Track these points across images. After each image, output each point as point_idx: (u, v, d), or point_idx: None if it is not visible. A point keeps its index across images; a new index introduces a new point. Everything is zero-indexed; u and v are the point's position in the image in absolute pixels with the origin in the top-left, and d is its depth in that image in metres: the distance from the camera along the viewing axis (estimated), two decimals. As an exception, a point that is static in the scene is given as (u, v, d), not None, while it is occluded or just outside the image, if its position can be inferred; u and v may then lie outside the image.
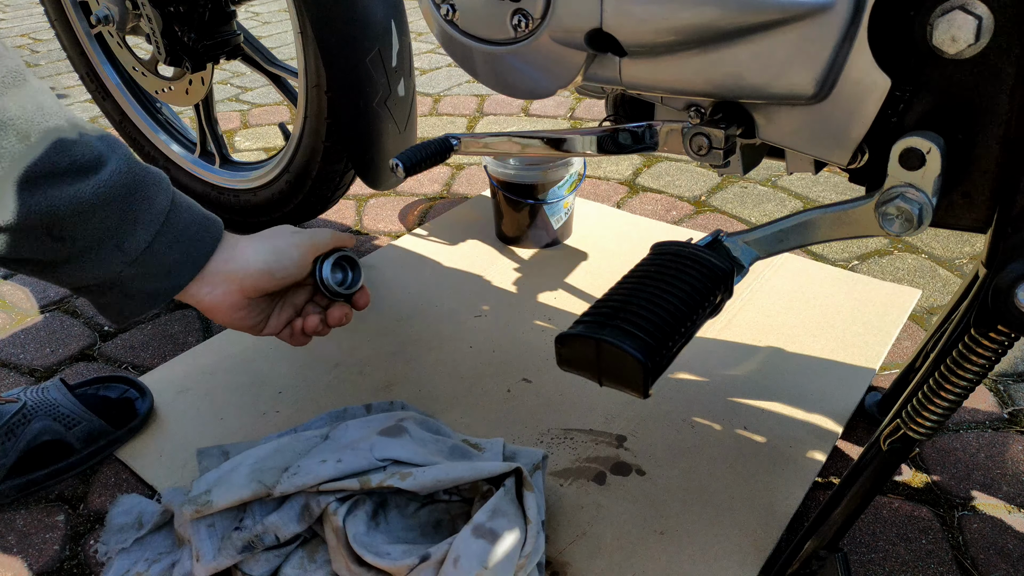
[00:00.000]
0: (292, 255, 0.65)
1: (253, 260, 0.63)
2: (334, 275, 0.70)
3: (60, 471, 0.77)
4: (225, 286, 0.63)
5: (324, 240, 0.68)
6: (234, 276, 0.63)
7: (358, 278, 0.72)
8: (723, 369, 0.88)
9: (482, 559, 0.57)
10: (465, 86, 1.97)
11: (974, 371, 0.48)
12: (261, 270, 0.63)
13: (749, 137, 0.57)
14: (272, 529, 0.63)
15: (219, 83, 2.06)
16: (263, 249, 0.64)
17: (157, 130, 1.31)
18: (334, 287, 0.69)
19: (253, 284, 0.63)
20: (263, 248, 0.64)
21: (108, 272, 0.58)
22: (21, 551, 0.71)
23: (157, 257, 0.59)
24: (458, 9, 0.64)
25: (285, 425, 0.83)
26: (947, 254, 1.12)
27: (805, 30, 0.48)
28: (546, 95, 0.64)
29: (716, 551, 0.66)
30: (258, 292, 0.64)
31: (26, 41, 2.60)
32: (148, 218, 0.58)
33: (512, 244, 1.17)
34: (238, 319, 0.65)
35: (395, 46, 0.97)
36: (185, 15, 1.07)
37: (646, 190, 1.37)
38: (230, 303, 0.63)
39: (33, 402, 0.78)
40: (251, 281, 0.63)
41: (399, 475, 0.63)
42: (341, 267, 0.71)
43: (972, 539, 0.68)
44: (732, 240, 0.57)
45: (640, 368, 0.43)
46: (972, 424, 0.81)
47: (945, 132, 0.49)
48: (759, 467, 0.75)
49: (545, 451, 0.75)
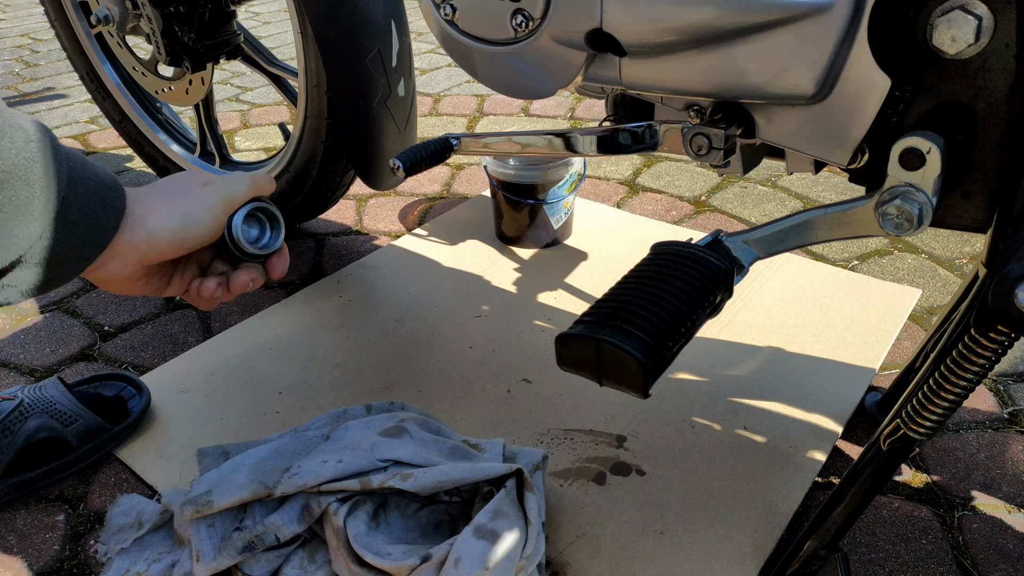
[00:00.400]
0: (203, 219, 0.54)
1: (158, 230, 0.53)
2: (246, 230, 0.58)
3: (58, 469, 0.77)
4: (121, 259, 0.53)
5: (240, 193, 0.57)
6: (135, 249, 0.53)
7: (277, 236, 0.59)
8: (723, 369, 0.88)
9: (483, 560, 0.57)
10: (465, 86, 1.97)
11: (974, 371, 0.48)
12: (168, 240, 0.53)
13: (749, 137, 0.57)
14: (272, 529, 0.63)
15: (219, 83, 2.06)
16: (170, 216, 0.54)
17: (157, 130, 1.31)
18: (245, 246, 0.57)
19: (157, 255, 0.54)
20: (170, 215, 0.54)
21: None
22: (21, 551, 0.71)
23: (49, 249, 0.49)
24: (458, 9, 0.64)
25: (285, 425, 0.83)
26: (947, 254, 1.12)
27: (805, 30, 0.48)
28: (546, 95, 0.64)
29: (716, 551, 0.66)
30: (160, 261, 0.55)
31: (26, 41, 2.60)
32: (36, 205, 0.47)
33: (512, 244, 1.17)
34: (136, 289, 0.57)
35: (395, 46, 0.97)
36: (185, 15, 1.07)
37: (646, 190, 1.37)
38: (126, 275, 0.54)
39: (30, 400, 0.78)
40: (154, 253, 0.54)
41: (400, 476, 0.63)
42: (258, 221, 0.59)
43: (972, 539, 0.68)
44: (732, 240, 0.57)
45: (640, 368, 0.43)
46: (972, 424, 0.81)
47: (945, 132, 0.49)
48: (759, 467, 0.75)
49: (545, 451, 0.75)
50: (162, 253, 0.54)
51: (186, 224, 0.54)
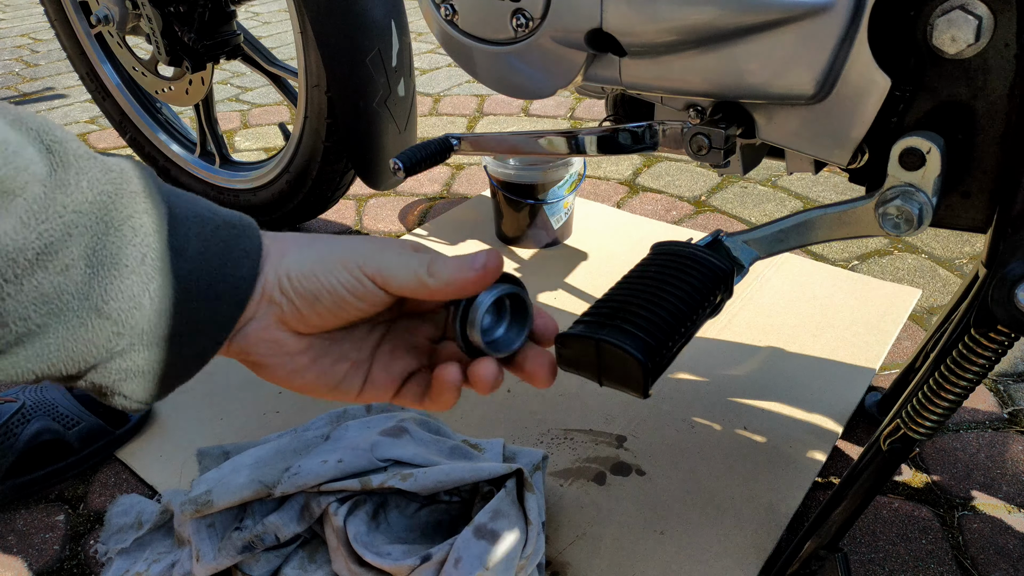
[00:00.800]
0: (339, 273, 0.37)
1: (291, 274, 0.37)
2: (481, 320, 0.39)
3: (59, 471, 0.77)
4: (258, 319, 0.37)
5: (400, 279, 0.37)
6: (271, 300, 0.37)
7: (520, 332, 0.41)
8: (723, 369, 0.88)
9: (483, 560, 0.57)
10: (465, 86, 1.97)
11: (974, 371, 0.48)
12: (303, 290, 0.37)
13: (749, 137, 0.57)
14: (272, 529, 0.62)
15: (219, 83, 2.06)
16: (301, 259, 0.38)
17: (157, 130, 1.31)
18: (476, 338, 0.39)
19: (297, 314, 0.37)
20: (302, 257, 0.38)
21: (92, 349, 0.32)
22: (21, 551, 0.71)
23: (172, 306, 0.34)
24: (458, 9, 0.64)
25: (285, 425, 0.83)
26: (947, 254, 1.12)
27: (805, 30, 0.48)
28: (546, 95, 0.64)
29: (716, 551, 0.66)
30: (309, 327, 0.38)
31: (26, 41, 2.60)
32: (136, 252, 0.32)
33: (512, 244, 1.17)
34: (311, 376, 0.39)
35: (395, 46, 0.97)
36: (185, 15, 1.07)
37: (646, 190, 1.36)
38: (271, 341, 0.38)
39: (32, 402, 0.78)
40: (293, 310, 0.37)
41: (400, 476, 0.63)
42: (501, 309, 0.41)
43: (972, 539, 0.68)
44: (732, 240, 0.57)
45: (640, 368, 0.43)
46: (972, 424, 0.81)
47: (945, 132, 0.49)
48: (759, 467, 0.75)
49: (545, 451, 0.75)
50: (301, 316, 0.37)
51: (316, 272, 0.37)
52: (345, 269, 0.37)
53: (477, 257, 0.37)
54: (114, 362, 0.33)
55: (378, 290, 0.37)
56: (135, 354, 0.33)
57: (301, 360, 0.39)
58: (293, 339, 0.38)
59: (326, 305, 0.37)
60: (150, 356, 0.34)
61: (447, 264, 0.37)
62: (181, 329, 0.34)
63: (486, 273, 0.37)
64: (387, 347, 0.42)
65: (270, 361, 0.38)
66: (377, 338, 0.42)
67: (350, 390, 0.41)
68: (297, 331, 0.38)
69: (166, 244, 0.33)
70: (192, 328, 0.35)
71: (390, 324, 0.42)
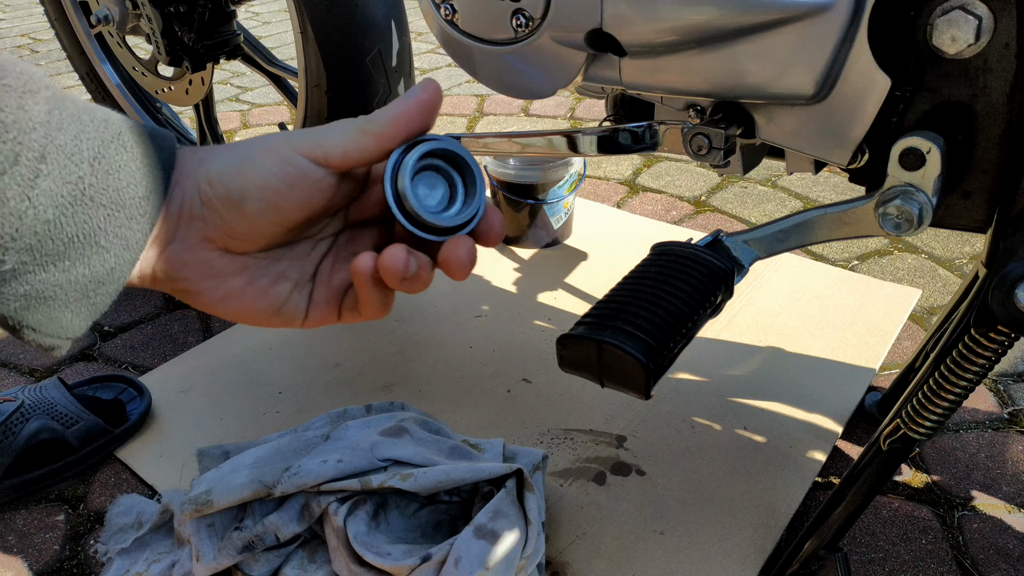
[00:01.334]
0: (260, 161, 0.33)
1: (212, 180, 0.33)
2: (415, 190, 0.33)
3: (58, 470, 0.77)
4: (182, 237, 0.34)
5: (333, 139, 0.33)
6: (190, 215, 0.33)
7: (472, 199, 0.35)
8: (723, 369, 0.88)
9: (483, 560, 0.57)
10: (465, 86, 1.97)
11: (974, 371, 0.48)
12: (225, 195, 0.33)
13: (749, 137, 0.57)
14: (272, 529, 0.62)
15: (219, 83, 2.06)
16: (224, 161, 0.33)
17: (157, 130, 1.31)
18: (420, 213, 0.33)
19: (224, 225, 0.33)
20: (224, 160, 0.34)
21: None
22: (21, 551, 0.71)
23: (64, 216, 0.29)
24: (458, 9, 0.64)
25: (285, 425, 0.83)
26: (947, 254, 1.12)
27: (805, 30, 0.48)
28: (546, 95, 0.64)
29: (716, 551, 0.66)
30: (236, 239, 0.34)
31: (26, 41, 2.60)
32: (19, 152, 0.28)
33: (512, 244, 1.17)
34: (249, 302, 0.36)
35: (395, 46, 0.97)
36: (185, 15, 1.07)
37: (646, 190, 1.36)
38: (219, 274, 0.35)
39: (31, 401, 0.78)
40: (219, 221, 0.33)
41: (400, 476, 0.63)
42: (437, 175, 0.35)
43: (972, 539, 0.68)
44: (732, 240, 0.57)
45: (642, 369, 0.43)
46: (972, 424, 0.81)
47: (945, 132, 0.49)
48: (759, 467, 0.75)
49: (545, 451, 0.75)
50: (232, 227, 0.33)
51: (241, 167, 0.33)
52: (274, 154, 0.33)
53: (413, 88, 0.34)
54: (8, 286, 0.29)
55: (314, 168, 0.33)
56: (31, 276, 0.29)
57: (235, 283, 0.35)
58: (224, 259, 0.34)
59: (256, 205, 0.33)
60: (48, 277, 0.29)
61: (386, 107, 0.34)
62: (81, 244, 0.30)
63: (429, 97, 0.33)
64: (328, 262, 0.38)
65: (200, 287, 0.34)
66: (320, 255, 0.37)
67: (294, 314, 0.37)
68: (227, 248, 0.34)
69: (54, 144, 0.29)
70: (94, 243, 0.30)
71: (334, 239, 0.38)
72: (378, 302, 0.35)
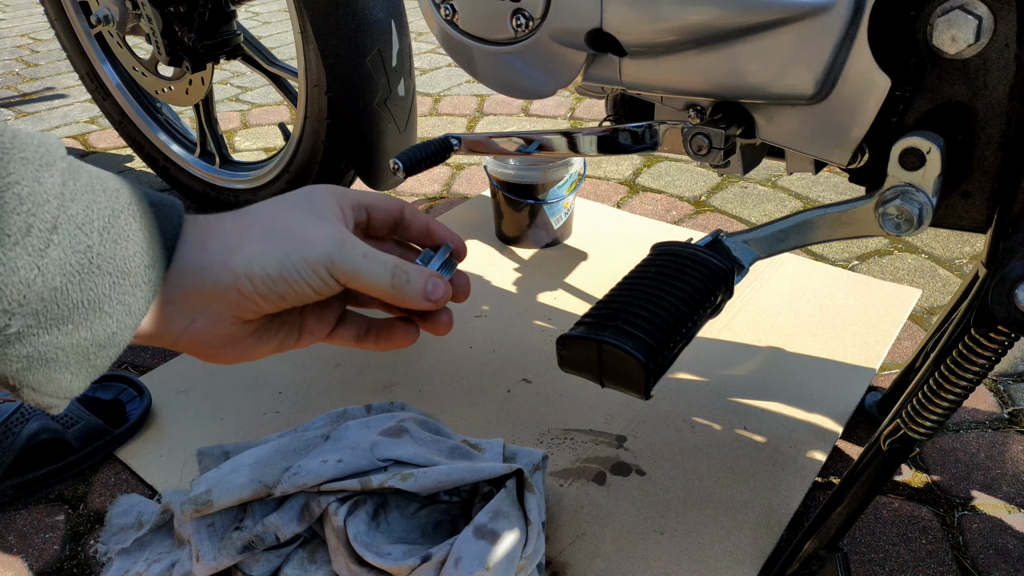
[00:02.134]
0: (310, 277, 0.38)
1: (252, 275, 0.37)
2: None
3: (58, 471, 0.77)
4: (209, 312, 0.37)
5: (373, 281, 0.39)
6: (212, 294, 0.37)
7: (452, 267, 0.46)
8: (723, 369, 0.88)
9: (483, 560, 0.57)
10: (465, 86, 1.97)
11: (974, 371, 0.48)
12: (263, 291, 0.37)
13: (749, 137, 0.57)
14: (272, 529, 0.62)
15: (219, 83, 2.06)
16: (273, 257, 0.37)
17: (157, 130, 1.32)
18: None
19: (251, 309, 0.38)
20: (273, 255, 0.37)
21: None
22: (21, 551, 0.71)
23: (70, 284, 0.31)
24: (458, 9, 0.64)
25: (285, 425, 0.83)
26: (947, 254, 1.12)
27: (805, 30, 0.48)
28: (546, 95, 0.64)
29: (716, 551, 0.66)
30: (260, 317, 0.39)
31: (26, 41, 2.60)
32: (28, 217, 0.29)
33: (512, 244, 1.17)
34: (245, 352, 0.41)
35: (395, 46, 0.97)
36: (185, 15, 1.07)
37: (646, 190, 1.36)
38: (226, 336, 0.38)
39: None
40: (244, 306, 0.37)
41: (400, 476, 0.63)
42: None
43: (972, 539, 0.68)
44: (732, 240, 0.57)
45: (642, 369, 0.43)
46: (972, 424, 0.81)
47: (945, 132, 0.49)
48: (759, 467, 0.75)
49: (545, 451, 0.75)
50: (258, 310, 0.38)
51: (284, 275, 0.37)
52: (313, 271, 0.37)
53: (436, 291, 0.41)
54: (12, 347, 0.30)
55: (339, 286, 0.39)
56: (34, 338, 0.30)
57: (248, 342, 0.40)
58: (242, 328, 0.39)
59: (289, 301, 0.38)
60: (51, 340, 0.31)
61: (411, 285, 0.40)
62: (86, 310, 0.31)
63: (437, 306, 0.41)
64: (313, 309, 0.44)
65: (220, 352, 0.39)
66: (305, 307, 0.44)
67: (288, 346, 0.43)
68: (245, 320, 0.38)
69: (66, 214, 0.30)
70: (99, 309, 0.32)
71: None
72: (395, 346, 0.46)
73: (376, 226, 0.45)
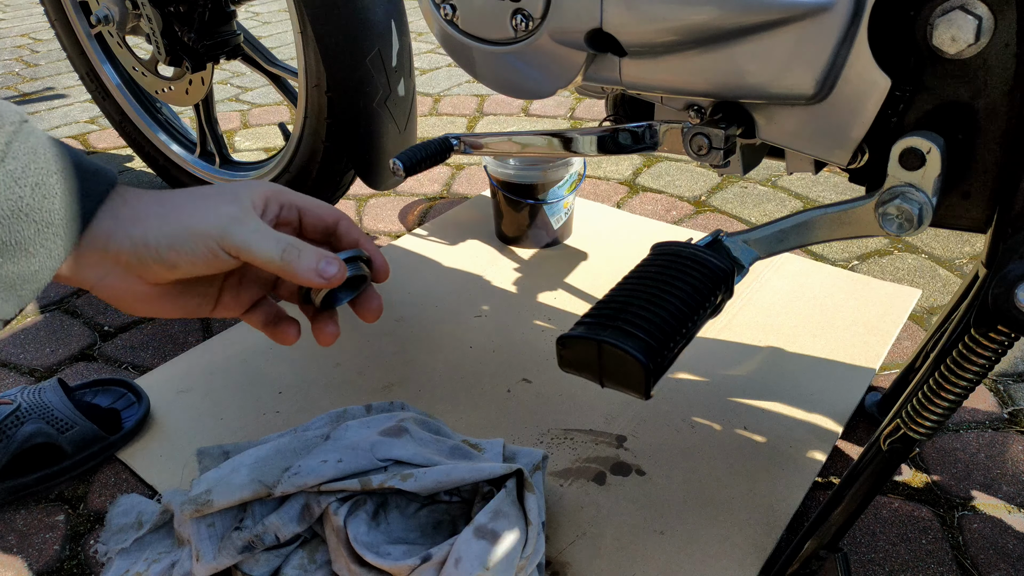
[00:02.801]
0: (195, 248, 0.42)
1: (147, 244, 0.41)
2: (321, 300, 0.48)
3: (51, 476, 0.77)
4: (116, 271, 0.42)
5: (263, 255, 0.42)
6: (121, 260, 0.41)
7: (356, 289, 0.49)
8: (723, 369, 0.88)
9: (483, 560, 0.57)
10: (465, 86, 1.97)
11: (974, 371, 0.48)
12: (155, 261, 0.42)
13: (749, 137, 0.57)
14: (272, 529, 0.62)
15: (219, 83, 2.06)
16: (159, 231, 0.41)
17: (157, 130, 1.31)
18: (317, 302, 0.48)
19: (152, 276, 0.42)
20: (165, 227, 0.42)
21: None
22: (21, 551, 0.71)
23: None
24: (458, 9, 0.64)
25: (285, 425, 0.83)
26: (947, 254, 1.12)
27: (805, 30, 0.48)
28: (546, 95, 0.64)
29: (716, 551, 0.66)
30: (163, 282, 0.43)
31: (26, 41, 2.60)
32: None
33: (512, 244, 1.17)
34: (165, 309, 0.45)
35: (395, 46, 0.97)
36: (185, 15, 1.07)
37: (646, 190, 1.36)
38: (138, 292, 0.43)
39: (28, 404, 0.77)
40: (149, 274, 0.42)
41: (400, 476, 0.63)
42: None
43: (972, 539, 0.68)
44: (732, 240, 0.57)
45: (642, 369, 0.43)
46: (972, 424, 0.81)
47: (945, 132, 0.49)
48: (759, 467, 0.75)
49: (545, 451, 0.75)
50: (157, 275, 0.42)
51: (175, 244, 0.41)
52: (203, 243, 0.42)
53: (328, 268, 0.44)
54: None
55: (233, 259, 0.42)
56: None
57: (160, 302, 0.45)
58: (151, 288, 0.43)
59: (183, 270, 0.42)
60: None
61: (301, 260, 0.43)
62: (13, 250, 0.38)
63: (330, 284, 0.44)
64: (234, 279, 0.49)
65: (133, 306, 0.44)
66: (223, 277, 0.48)
67: (203, 312, 0.48)
68: (151, 282, 0.43)
69: (4, 169, 0.37)
70: (24, 250, 0.38)
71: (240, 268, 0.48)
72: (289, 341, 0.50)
73: (308, 230, 0.49)
